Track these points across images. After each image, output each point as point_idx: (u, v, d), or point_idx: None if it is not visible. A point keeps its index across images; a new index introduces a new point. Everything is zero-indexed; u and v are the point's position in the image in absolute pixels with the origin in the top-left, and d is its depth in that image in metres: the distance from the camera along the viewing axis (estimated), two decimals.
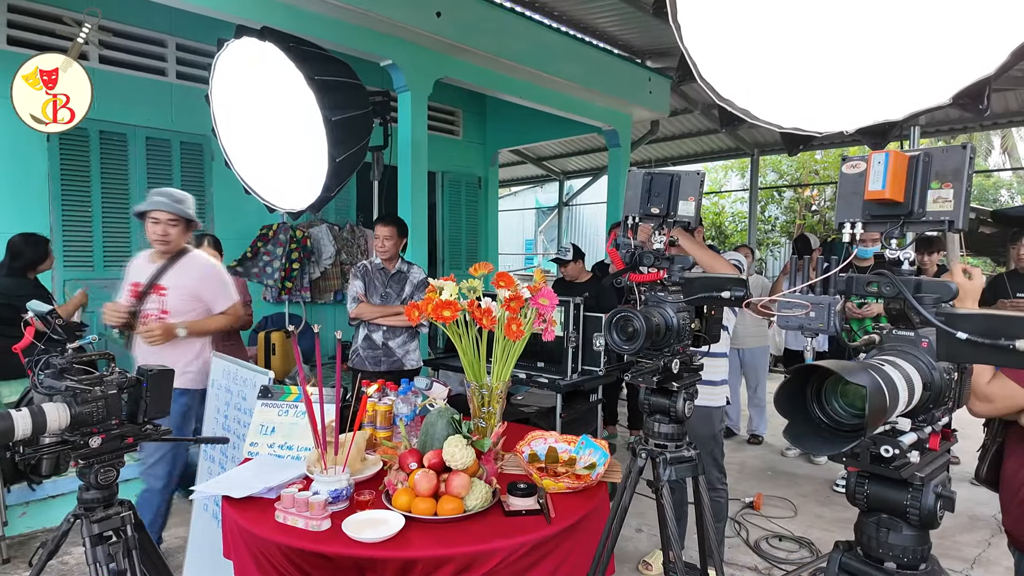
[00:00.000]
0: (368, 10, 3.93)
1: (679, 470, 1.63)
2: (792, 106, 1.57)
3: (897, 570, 1.07)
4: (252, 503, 1.78)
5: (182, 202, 2.80)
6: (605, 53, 5.93)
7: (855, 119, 1.50)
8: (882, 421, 0.93)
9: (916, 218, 1.07)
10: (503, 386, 2.04)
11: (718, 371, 2.76)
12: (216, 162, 4.98)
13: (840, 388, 0.95)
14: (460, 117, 7.20)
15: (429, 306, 2.00)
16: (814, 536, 3.51)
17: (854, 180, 1.11)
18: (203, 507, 2.81)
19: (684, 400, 1.61)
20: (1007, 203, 14.43)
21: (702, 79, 1.70)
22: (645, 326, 1.45)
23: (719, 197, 11.77)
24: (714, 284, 1.49)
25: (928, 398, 1.02)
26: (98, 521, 1.57)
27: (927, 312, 0.98)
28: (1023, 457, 1.57)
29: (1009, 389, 1.44)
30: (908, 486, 1.04)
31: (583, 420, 4.07)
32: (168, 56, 4.92)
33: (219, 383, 2.96)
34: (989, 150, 15.28)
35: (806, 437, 0.94)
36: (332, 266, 5.56)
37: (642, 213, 1.58)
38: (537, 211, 15.79)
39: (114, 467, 1.61)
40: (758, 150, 8.52)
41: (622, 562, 3.16)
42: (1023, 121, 7.11)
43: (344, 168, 3.27)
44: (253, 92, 3.50)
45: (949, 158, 1.05)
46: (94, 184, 4.68)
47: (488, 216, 7.67)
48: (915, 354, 1.04)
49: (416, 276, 3.53)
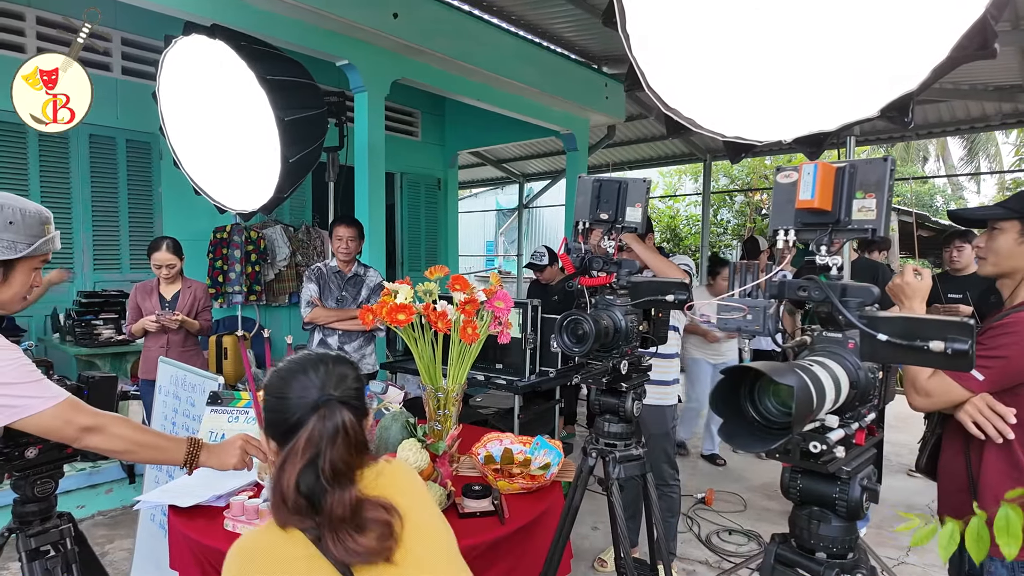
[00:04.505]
0: (323, 9, 3.88)
1: (628, 468, 1.67)
2: (734, 116, 1.64)
3: (827, 560, 1.13)
4: (200, 512, 1.74)
5: None
6: (562, 58, 6.01)
7: (792, 129, 1.57)
8: (810, 419, 0.98)
9: (843, 226, 1.13)
10: (459, 389, 2.05)
11: (670, 371, 2.84)
12: (164, 161, 4.83)
13: (772, 388, 1.00)
14: (419, 118, 7.17)
15: (384, 310, 2.00)
16: (762, 529, 3.63)
17: (787, 189, 1.17)
18: (149, 517, 2.73)
19: (633, 400, 1.65)
20: (942, 208, 15.22)
21: (649, 88, 1.75)
22: (594, 328, 1.49)
23: (674, 201, 12.04)
24: (659, 288, 1.55)
25: (854, 396, 1.09)
26: (35, 535, 1.51)
27: (851, 315, 1.05)
28: (957, 449, 1.65)
29: (946, 385, 1.53)
30: (836, 480, 1.10)
31: (541, 420, 4.12)
32: (113, 51, 4.75)
33: (167, 389, 2.88)
34: (926, 157, 16.10)
35: (739, 435, 0.99)
36: (287, 268, 5.46)
37: (592, 218, 1.62)
38: (498, 213, 15.83)
39: (52, 479, 1.56)
40: (710, 155, 8.76)
41: (578, 560, 3.21)
42: (955, 131, 7.53)
43: (298, 169, 3.22)
44: (203, 90, 3.41)
45: (872, 170, 1.11)
46: (32, 184, 4.48)
47: (448, 218, 7.65)
48: (842, 354, 1.10)
49: (373, 279, 3.50)
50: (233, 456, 1.47)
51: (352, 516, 0.97)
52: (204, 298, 3.57)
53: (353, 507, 0.97)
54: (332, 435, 0.98)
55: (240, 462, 1.48)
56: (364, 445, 1.04)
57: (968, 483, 1.61)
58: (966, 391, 1.52)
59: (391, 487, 1.06)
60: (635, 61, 1.79)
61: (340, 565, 0.96)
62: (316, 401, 1.01)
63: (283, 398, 1.03)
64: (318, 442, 0.98)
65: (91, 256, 4.80)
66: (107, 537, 3.39)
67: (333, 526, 0.96)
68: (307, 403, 1.01)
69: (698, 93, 1.69)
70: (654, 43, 1.77)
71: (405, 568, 0.99)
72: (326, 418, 0.99)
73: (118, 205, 4.91)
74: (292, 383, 1.04)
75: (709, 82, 1.67)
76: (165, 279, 3.45)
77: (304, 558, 0.97)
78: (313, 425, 0.99)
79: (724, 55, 1.63)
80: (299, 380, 1.04)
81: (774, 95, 1.60)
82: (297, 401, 1.02)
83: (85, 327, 4.13)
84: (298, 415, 1.01)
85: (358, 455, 1.02)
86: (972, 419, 1.52)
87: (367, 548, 0.96)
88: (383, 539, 0.98)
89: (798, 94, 1.57)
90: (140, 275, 4.60)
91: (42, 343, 4.46)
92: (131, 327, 3.42)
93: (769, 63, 1.58)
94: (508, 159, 10.56)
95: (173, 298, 3.46)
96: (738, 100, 1.64)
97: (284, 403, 1.03)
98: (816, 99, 1.54)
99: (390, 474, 1.09)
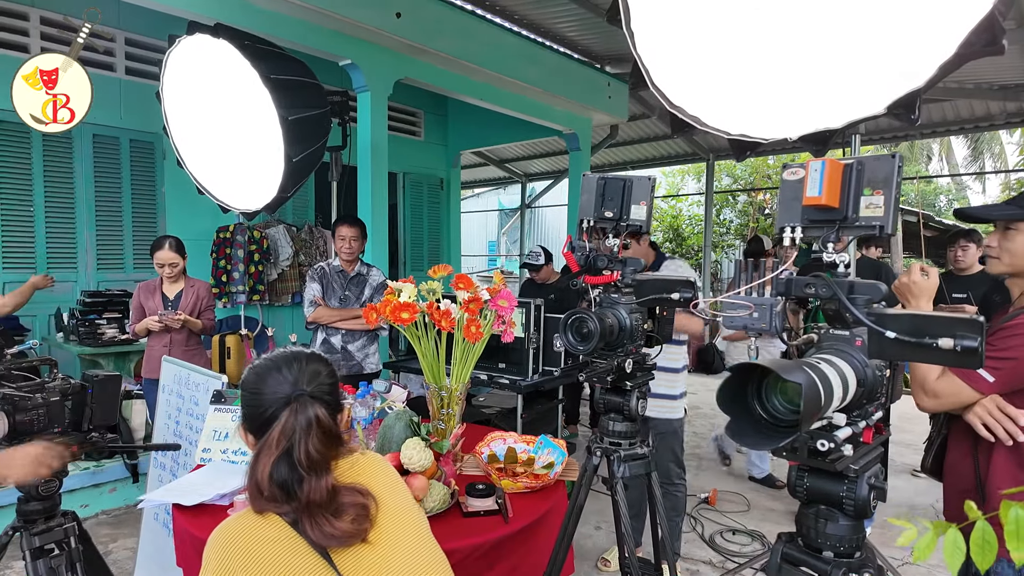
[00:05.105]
0: (327, 9, 3.88)
1: (633, 467, 1.67)
2: (739, 114, 1.63)
3: (834, 558, 1.12)
4: (204, 510, 1.74)
5: None
6: (565, 57, 6.00)
7: (797, 127, 1.56)
8: (817, 417, 0.98)
9: (850, 223, 1.13)
10: (462, 388, 2.05)
11: (677, 385, 2.83)
12: (168, 161, 4.83)
13: (779, 386, 0.99)
14: (421, 118, 7.17)
15: (387, 308, 1.99)
16: (766, 529, 3.62)
17: (793, 186, 1.16)
18: (153, 516, 2.73)
19: (637, 399, 1.65)
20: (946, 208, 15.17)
21: (654, 86, 1.75)
22: (599, 327, 1.48)
23: (676, 200, 12.02)
24: (665, 286, 1.54)
25: (862, 394, 1.08)
26: (39, 534, 1.51)
27: (859, 313, 1.04)
28: (965, 450, 1.63)
29: (955, 386, 1.51)
30: (843, 478, 1.09)
31: (544, 420, 4.11)
32: (116, 51, 4.76)
33: (170, 388, 2.88)
34: (930, 157, 16.05)
35: (747, 433, 0.99)
36: (290, 267, 5.46)
37: (596, 217, 1.61)
38: (500, 213, 15.82)
39: (56, 477, 1.55)
40: (713, 155, 8.73)
41: (582, 559, 3.21)
42: (959, 130, 7.50)
43: (301, 168, 3.21)
44: (207, 90, 3.42)
45: (880, 167, 1.11)
46: (36, 184, 4.49)
47: (450, 217, 7.65)
48: (850, 352, 1.09)
49: (376, 278, 3.50)
50: (19, 469, 1.37)
51: (328, 502, 1.02)
52: (207, 297, 3.57)
53: (329, 493, 1.03)
54: (306, 428, 1.03)
55: (31, 474, 1.39)
56: (338, 437, 1.10)
57: (976, 485, 1.59)
58: (976, 393, 1.50)
59: (365, 475, 1.12)
60: (640, 59, 1.78)
61: (318, 547, 1.01)
62: (289, 396, 1.06)
63: (257, 393, 1.08)
64: (291, 434, 1.03)
65: (95, 256, 4.81)
66: (110, 536, 3.39)
67: (310, 511, 1.01)
68: (280, 398, 1.06)
69: (703, 90, 1.69)
70: (659, 40, 1.76)
71: (380, 547, 1.05)
72: (298, 412, 1.04)
73: (121, 205, 4.92)
74: (267, 379, 1.08)
75: (714, 79, 1.66)
76: (168, 278, 3.45)
77: (284, 539, 1.01)
78: (286, 419, 1.04)
79: (729, 52, 1.62)
80: (273, 376, 1.08)
81: (780, 92, 1.59)
82: (271, 396, 1.07)
83: (88, 326, 4.14)
84: (272, 409, 1.06)
85: (333, 447, 1.07)
86: (982, 421, 1.50)
87: (343, 531, 1.01)
88: (359, 521, 1.03)
89: (804, 91, 1.56)
90: (143, 275, 4.60)
91: (46, 342, 4.46)
92: (134, 327, 3.42)
93: (775, 60, 1.57)
94: (510, 159, 10.56)
95: (176, 297, 3.47)
96: (743, 97, 1.63)
97: (258, 398, 1.08)
98: (822, 96, 1.53)
99: (364, 464, 1.16)
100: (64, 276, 4.66)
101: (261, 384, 1.08)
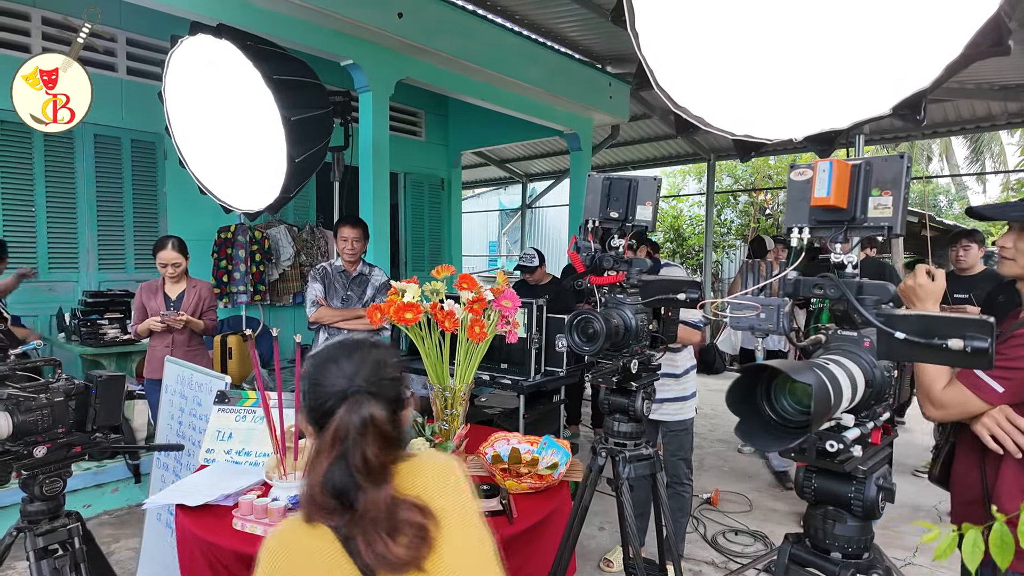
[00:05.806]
0: (328, 9, 3.88)
1: (638, 468, 1.66)
2: (744, 114, 1.62)
3: (842, 559, 1.12)
4: (208, 511, 1.74)
5: None
6: (566, 57, 6.00)
7: (802, 127, 1.56)
8: (827, 417, 0.97)
9: (859, 223, 1.12)
10: (466, 388, 2.05)
11: (687, 386, 2.85)
12: (170, 161, 4.83)
13: (788, 386, 0.99)
14: (423, 118, 7.17)
15: (391, 309, 1.99)
16: (768, 530, 3.62)
17: (801, 187, 1.16)
18: (155, 517, 2.73)
19: (643, 399, 1.64)
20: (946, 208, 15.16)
21: (658, 86, 1.74)
22: (605, 327, 1.48)
23: (677, 201, 12.01)
24: (670, 286, 1.54)
25: (870, 395, 1.08)
26: (43, 534, 1.51)
27: (868, 313, 1.04)
28: (972, 461, 1.60)
29: (963, 396, 1.47)
30: (852, 479, 1.09)
31: (546, 420, 4.11)
32: (118, 51, 4.75)
33: (173, 388, 2.88)
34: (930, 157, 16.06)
35: (756, 434, 0.98)
36: (291, 268, 5.46)
37: (602, 217, 1.61)
38: (501, 213, 15.82)
39: (60, 477, 1.55)
40: (714, 155, 8.73)
41: (584, 560, 3.20)
42: (960, 131, 7.50)
43: (303, 169, 3.21)
44: (209, 90, 3.41)
45: (888, 167, 1.10)
46: (38, 184, 4.49)
47: (451, 217, 7.65)
48: (858, 353, 1.09)
49: (378, 279, 3.50)
50: None
51: (387, 517, 0.92)
52: (209, 298, 3.56)
53: (388, 507, 0.92)
54: (360, 428, 0.94)
55: None
56: (397, 441, 1.00)
57: (983, 495, 1.55)
58: (984, 403, 1.46)
59: (428, 486, 0.99)
60: (643, 59, 1.78)
61: (365, 568, 0.92)
62: (344, 391, 0.98)
63: (317, 384, 1.00)
64: (344, 437, 0.94)
65: (96, 256, 4.80)
66: (113, 536, 3.39)
67: (365, 528, 0.91)
68: (336, 391, 0.98)
69: (708, 91, 1.68)
70: (663, 41, 1.76)
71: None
72: (352, 411, 0.95)
73: (123, 205, 4.91)
74: (324, 370, 1.00)
75: (719, 80, 1.66)
76: (170, 278, 3.45)
77: (331, 553, 0.94)
78: (340, 417, 0.95)
79: (734, 52, 1.62)
80: (330, 368, 1.00)
81: (784, 92, 1.58)
82: (328, 389, 0.99)
83: (90, 327, 4.14)
84: (330, 403, 0.98)
85: (391, 450, 0.97)
86: (990, 432, 1.46)
87: (398, 557, 0.91)
88: (415, 547, 0.92)
89: (809, 91, 1.56)
90: (145, 275, 4.60)
91: (47, 342, 4.46)
92: (136, 327, 3.42)
93: (779, 60, 1.57)
94: (511, 159, 10.55)
95: (178, 297, 3.46)
96: (748, 98, 1.63)
97: (318, 390, 1.00)
98: (827, 96, 1.53)
99: (425, 469, 1.02)
100: (65, 276, 4.67)
101: (319, 375, 1.00)
